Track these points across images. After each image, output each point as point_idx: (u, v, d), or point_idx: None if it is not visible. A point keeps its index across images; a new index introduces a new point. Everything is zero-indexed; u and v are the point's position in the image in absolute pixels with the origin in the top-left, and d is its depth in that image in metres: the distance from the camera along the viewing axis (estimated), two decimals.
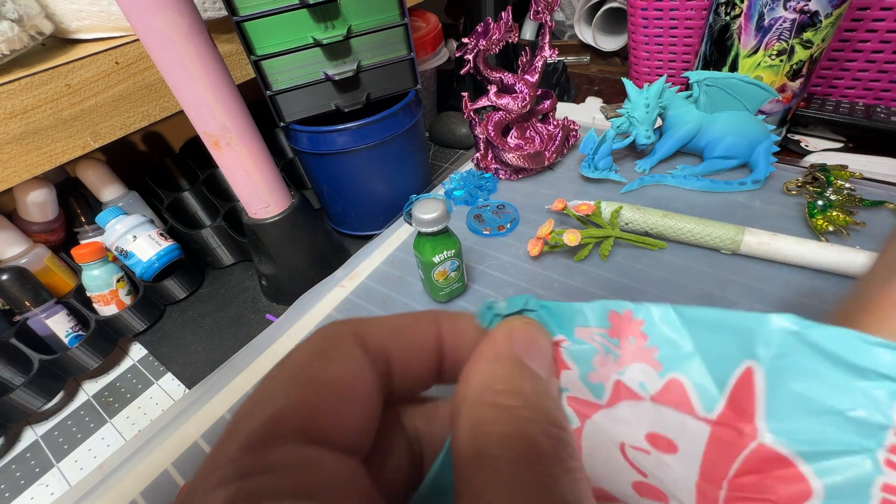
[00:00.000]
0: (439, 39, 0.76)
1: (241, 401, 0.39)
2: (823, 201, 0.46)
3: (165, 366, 0.49)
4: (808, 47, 0.50)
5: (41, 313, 0.48)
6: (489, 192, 0.58)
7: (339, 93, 0.50)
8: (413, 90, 0.54)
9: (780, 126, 0.58)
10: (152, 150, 0.70)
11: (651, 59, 0.72)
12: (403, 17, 0.48)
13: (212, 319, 0.53)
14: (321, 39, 0.45)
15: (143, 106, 0.49)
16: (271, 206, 0.47)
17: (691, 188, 0.53)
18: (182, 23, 0.35)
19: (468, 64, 0.52)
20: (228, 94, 0.40)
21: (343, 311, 0.46)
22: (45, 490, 0.40)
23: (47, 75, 0.42)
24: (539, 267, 0.47)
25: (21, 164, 0.43)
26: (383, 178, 0.55)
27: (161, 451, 0.37)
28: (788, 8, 0.48)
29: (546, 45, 0.53)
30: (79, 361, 0.47)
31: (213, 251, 0.59)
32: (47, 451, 0.43)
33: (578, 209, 0.47)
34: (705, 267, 0.44)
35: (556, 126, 0.59)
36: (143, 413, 0.45)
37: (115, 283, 0.51)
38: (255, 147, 0.44)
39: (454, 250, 0.41)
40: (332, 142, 0.50)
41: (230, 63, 0.53)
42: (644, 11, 0.67)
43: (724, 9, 0.53)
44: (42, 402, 0.44)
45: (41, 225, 0.53)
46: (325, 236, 0.54)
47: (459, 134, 0.74)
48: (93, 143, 0.47)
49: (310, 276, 0.51)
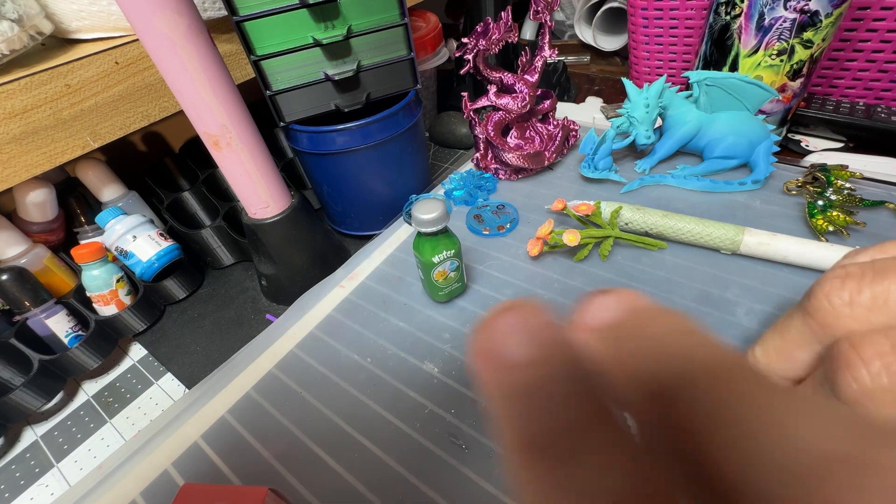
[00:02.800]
0: (439, 39, 0.76)
1: (241, 401, 0.40)
2: (823, 201, 0.46)
3: (165, 366, 0.49)
4: (809, 47, 0.50)
5: (41, 313, 0.48)
6: (489, 192, 0.58)
7: (339, 93, 0.50)
8: (413, 90, 0.54)
9: (781, 126, 0.58)
10: (152, 150, 0.70)
11: (651, 59, 0.72)
12: (403, 17, 0.48)
13: (212, 319, 0.53)
14: (321, 39, 0.45)
15: (143, 106, 0.49)
16: (271, 206, 0.47)
17: (691, 188, 0.53)
18: (182, 23, 0.35)
19: (468, 64, 0.52)
20: (228, 94, 0.40)
21: (343, 311, 0.46)
22: (44, 490, 0.40)
23: (47, 75, 0.42)
24: (539, 267, 0.47)
25: (21, 164, 0.43)
26: (383, 178, 0.55)
27: (161, 451, 0.37)
28: (789, 8, 0.48)
29: (546, 45, 0.53)
30: (78, 361, 0.47)
31: (213, 251, 0.59)
32: (47, 451, 0.43)
33: (578, 209, 0.47)
34: (705, 267, 0.44)
35: (556, 126, 0.59)
36: (143, 413, 0.45)
37: (115, 283, 0.51)
38: (255, 147, 0.44)
39: (454, 250, 0.41)
40: (332, 142, 0.50)
41: (230, 63, 0.53)
42: (644, 11, 0.67)
43: (725, 8, 0.52)
44: (42, 402, 0.44)
45: (41, 225, 0.53)
46: (325, 236, 0.54)
47: (459, 134, 0.74)
48: (93, 143, 0.47)
49: (310, 276, 0.51)
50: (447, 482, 0.32)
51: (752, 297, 0.41)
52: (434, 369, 0.40)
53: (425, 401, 0.37)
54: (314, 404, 0.38)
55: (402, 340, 0.42)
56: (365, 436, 0.36)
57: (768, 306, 0.40)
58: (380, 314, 0.45)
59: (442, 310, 0.45)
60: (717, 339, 0.10)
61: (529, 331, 0.10)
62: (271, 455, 0.36)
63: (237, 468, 0.35)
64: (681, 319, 0.10)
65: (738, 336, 0.38)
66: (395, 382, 0.39)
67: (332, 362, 0.42)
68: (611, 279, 0.45)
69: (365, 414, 0.37)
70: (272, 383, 0.41)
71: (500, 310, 0.10)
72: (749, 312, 0.40)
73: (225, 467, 0.35)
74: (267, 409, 0.39)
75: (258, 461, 0.35)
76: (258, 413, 0.39)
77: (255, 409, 0.39)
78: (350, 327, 0.45)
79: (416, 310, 0.45)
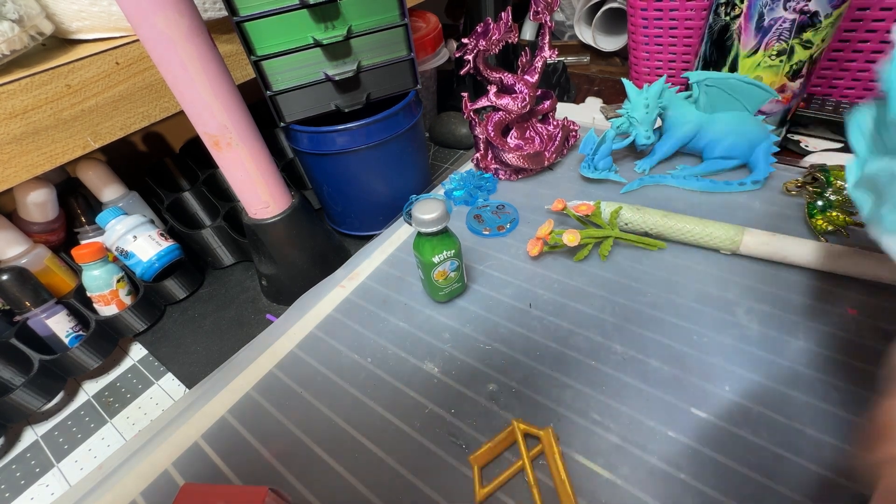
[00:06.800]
0: (439, 40, 0.76)
1: (242, 401, 0.40)
2: (823, 201, 0.46)
3: (165, 366, 0.49)
4: (808, 47, 0.50)
5: (41, 313, 0.48)
6: (489, 192, 0.58)
7: (340, 93, 0.50)
8: (413, 90, 0.54)
9: (780, 126, 0.58)
10: (152, 151, 0.70)
11: (651, 60, 0.72)
12: (403, 17, 0.48)
13: (212, 319, 0.53)
14: (321, 40, 0.45)
15: (143, 106, 0.49)
16: (271, 206, 0.47)
17: (691, 188, 0.53)
18: (182, 23, 0.35)
19: (468, 64, 0.52)
20: (228, 94, 0.40)
21: (343, 311, 0.47)
22: (45, 490, 0.40)
23: (47, 75, 0.42)
24: (539, 267, 0.47)
25: (21, 164, 0.43)
26: (383, 178, 0.55)
27: (161, 451, 0.37)
28: (788, 8, 0.48)
29: (546, 46, 0.53)
30: (79, 361, 0.47)
31: (213, 251, 0.59)
32: (47, 451, 0.43)
33: (578, 209, 0.47)
34: (705, 267, 0.44)
35: (556, 126, 0.59)
36: (143, 413, 0.45)
37: (116, 283, 0.51)
38: (255, 147, 0.44)
39: (454, 250, 0.41)
40: (332, 142, 0.50)
41: (230, 63, 0.53)
42: (644, 12, 0.67)
43: (724, 9, 0.53)
44: (42, 402, 0.44)
45: (41, 225, 0.53)
46: (325, 236, 0.54)
47: (459, 134, 0.74)
48: (93, 144, 0.47)
49: (310, 276, 0.52)
50: (447, 482, 0.32)
51: (752, 297, 0.41)
52: (434, 369, 0.40)
53: (425, 401, 0.37)
54: (314, 404, 0.39)
55: (402, 340, 0.43)
56: (365, 436, 0.36)
57: (768, 306, 0.40)
58: (380, 314, 0.45)
59: (442, 310, 0.45)
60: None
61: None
62: (271, 455, 0.36)
63: (237, 468, 0.35)
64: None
65: (738, 336, 0.38)
66: (395, 382, 0.39)
67: (333, 362, 0.42)
68: (611, 279, 0.45)
69: (365, 414, 0.37)
70: (272, 383, 0.41)
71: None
72: (749, 312, 0.40)
73: (225, 467, 0.35)
74: (267, 409, 0.39)
75: (258, 461, 0.35)
76: (258, 413, 0.39)
77: (256, 409, 0.39)
78: (350, 327, 0.45)
79: (416, 310, 0.45)
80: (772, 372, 0.35)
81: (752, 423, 0.33)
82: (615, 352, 0.39)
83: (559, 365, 0.38)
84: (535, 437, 0.33)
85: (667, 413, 0.34)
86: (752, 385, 0.35)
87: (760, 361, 0.36)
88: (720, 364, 0.36)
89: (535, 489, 0.30)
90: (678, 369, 0.37)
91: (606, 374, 0.37)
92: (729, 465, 0.31)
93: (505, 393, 0.37)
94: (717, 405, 0.34)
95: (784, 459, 0.31)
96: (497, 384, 0.38)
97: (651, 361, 0.37)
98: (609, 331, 0.40)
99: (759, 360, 0.36)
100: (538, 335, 0.41)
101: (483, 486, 0.31)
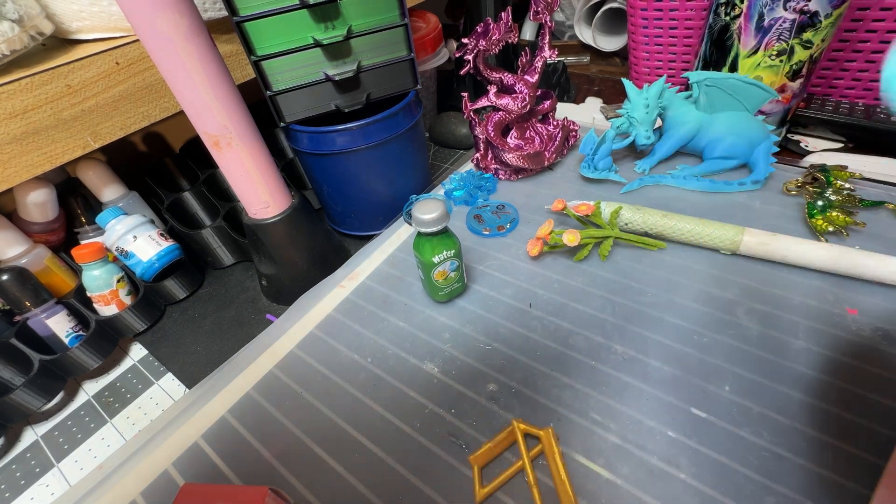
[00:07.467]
0: (439, 40, 0.76)
1: (242, 401, 0.40)
2: (823, 201, 0.46)
3: (165, 366, 0.49)
4: (808, 47, 0.50)
5: (41, 313, 0.48)
6: (489, 192, 0.58)
7: (340, 93, 0.50)
8: (413, 90, 0.54)
9: (780, 126, 0.58)
10: (152, 150, 0.70)
11: (651, 60, 0.72)
12: (403, 17, 0.48)
13: (212, 319, 0.53)
14: (321, 40, 0.45)
15: (143, 106, 0.49)
16: (271, 206, 0.47)
17: (691, 188, 0.53)
18: (182, 23, 0.35)
19: (468, 64, 0.52)
20: (228, 94, 0.40)
21: (343, 311, 0.47)
22: (45, 490, 0.40)
23: (47, 75, 0.42)
24: (539, 267, 0.47)
25: (21, 164, 0.43)
26: (383, 178, 0.55)
27: (161, 451, 0.37)
28: (788, 8, 0.48)
29: (546, 46, 0.53)
30: (79, 361, 0.47)
31: (213, 251, 0.59)
32: (47, 451, 0.43)
33: (578, 209, 0.47)
34: (705, 267, 0.44)
35: (556, 126, 0.59)
36: (143, 413, 0.45)
37: (116, 283, 0.51)
38: (255, 147, 0.44)
39: (454, 250, 0.41)
40: (332, 142, 0.50)
41: (230, 63, 0.53)
42: (644, 12, 0.67)
43: (724, 9, 0.53)
44: (42, 402, 0.44)
45: (41, 225, 0.53)
46: (325, 236, 0.54)
47: (459, 134, 0.74)
48: (93, 144, 0.47)
49: (310, 276, 0.52)
50: (447, 482, 0.32)
51: (752, 297, 0.41)
52: (434, 369, 0.40)
53: (425, 401, 0.37)
54: (314, 404, 0.39)
55: (402, 340, 0.43)
56: (365, 436, 0.36)
57: (768, 306, 0.40)
58: (380, 314, 0.46)
59: (442, 310, 0.45)
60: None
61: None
62: (271, 455, 0.36)
63: (237, 468, 0.35)
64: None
65: (737, 336, 0.38)
66: (395, 382, 0.39)
67: (333, 362, 0.42)
68: (610, 279, 0.45)
69: (365, 414, 0.37)
70: (272, 383, 0.41)
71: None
72: (749, 312, 0.40)
73: (225, 467, 0.35)
74: (267, 408, 0.39)
75: (258, 461, 0.35)
76: (258, 413, 0.39)
77: (256, 409, 0.39)
78: (350, 327, 0.45)
79: (416, 310, 0.45)
80: (772, 372, 0.35)
81: (752, 423, 0.33)
82: (615, 352, 0.39)
83: (559, 365, 0.38)
84: (535, 437, 0.33)
85: (667, 413, 0.34)
86: (752, 385, 0.35)
87: (760, 361, 0.36)
88: (720, 364, 0.36)
89: (535, 489, 0.30)
90: (678, 369, 0.37)
91: (606, 374, 0.37)
92: (729, 465, 0.31)
93: (505, 393, 0.37)
94: (717, 405, 0.34)
95: (784, 459, 0.31)
96: (497, 384, 0.38)
97: (651, 361, 0.37)
98: (609, 331, 0.40)
99: (759, 360, 0.36)
100: (538, 335, 0.41)
101: (483, 486, 0.31)
